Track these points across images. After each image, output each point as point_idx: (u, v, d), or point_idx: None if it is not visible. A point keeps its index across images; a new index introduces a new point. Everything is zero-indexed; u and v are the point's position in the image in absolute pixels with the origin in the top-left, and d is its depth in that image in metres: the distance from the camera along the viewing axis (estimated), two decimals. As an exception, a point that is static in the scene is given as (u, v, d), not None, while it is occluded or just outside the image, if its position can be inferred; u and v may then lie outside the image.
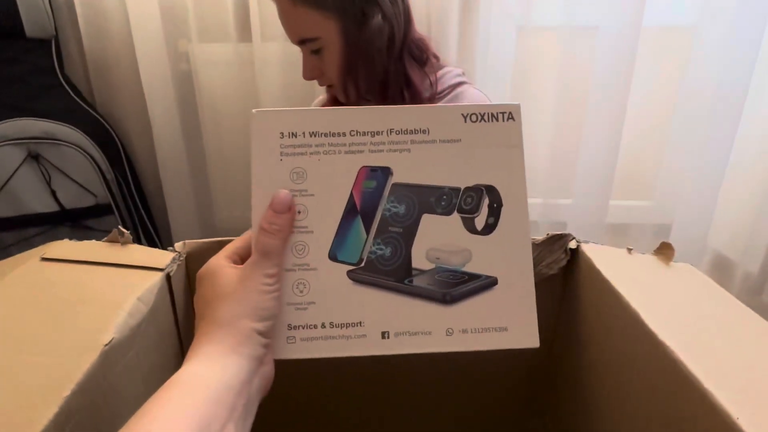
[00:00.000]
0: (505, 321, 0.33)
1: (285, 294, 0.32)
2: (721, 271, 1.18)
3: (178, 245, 0.42)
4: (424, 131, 0.34)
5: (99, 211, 1.04)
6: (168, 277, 0.39)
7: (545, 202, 1.17)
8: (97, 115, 1.10)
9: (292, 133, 0.34)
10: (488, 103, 0.78)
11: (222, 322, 0.28)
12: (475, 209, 0.34)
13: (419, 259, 0.34)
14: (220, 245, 0.39)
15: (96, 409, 0.28)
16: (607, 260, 0.42)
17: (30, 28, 1.01)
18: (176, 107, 1.15)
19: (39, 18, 1.02)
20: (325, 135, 0.34)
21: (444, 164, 0.34)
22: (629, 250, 0.46)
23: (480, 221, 0.34)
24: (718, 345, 0.31)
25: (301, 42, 0.74)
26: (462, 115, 0.34)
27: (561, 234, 0.46)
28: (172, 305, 0.40)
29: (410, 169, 0.34)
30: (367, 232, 0.34)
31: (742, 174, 1.11)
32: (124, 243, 0.41)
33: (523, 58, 1.11)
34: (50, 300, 0.34)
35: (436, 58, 0.83)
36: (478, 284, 0.33)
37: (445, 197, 0.34)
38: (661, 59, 1.11)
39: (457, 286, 0.33)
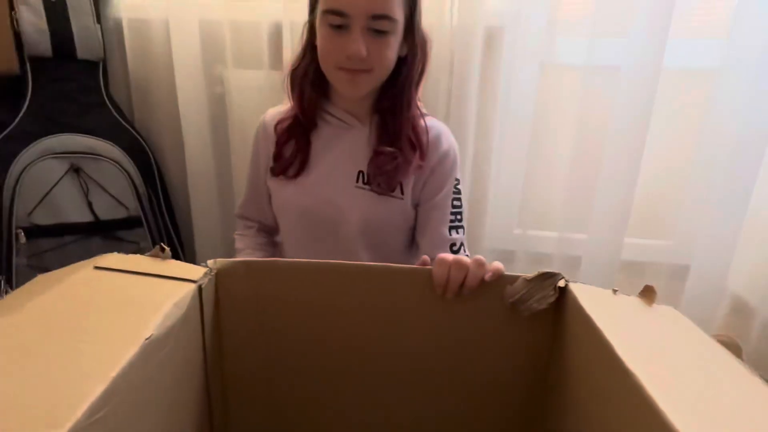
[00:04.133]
0: None
1: None
2: (740, 315, 1.16)
3: (210, 262, 0.48)
4: None
5: (130, 223, 1.10)
6: (200, 289, 0.45)
7: (560, 236, 1.18)
8: (135, 133, 1.17)
9: None
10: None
11: None
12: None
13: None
14: (247, 266, 0.49)
15: (135, 393, 0.33)
16: (592, 299, 0.45)
17: (82, 51, 1.10)
18: (208, 128, 1.22)
19: (91, 42, 1.10)
20: None
21: None
22: (614, 291, 0.48)
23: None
24: (687, 380, 0.34)
25: (376, 17, 0.70)
26: None
27: (551, 273, 0.49)
28: (200, 312, 0.46)
29: None
30: None
31: (763, 217, 1.10)
32: (164, 258, 0.48)
33: (544, 95, 1.14)
34: (101, 301, 0.40)
35: None
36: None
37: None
38: (683, 101, 1.12)
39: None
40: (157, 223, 1.17)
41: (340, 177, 0.80)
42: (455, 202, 0.84)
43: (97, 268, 0.45)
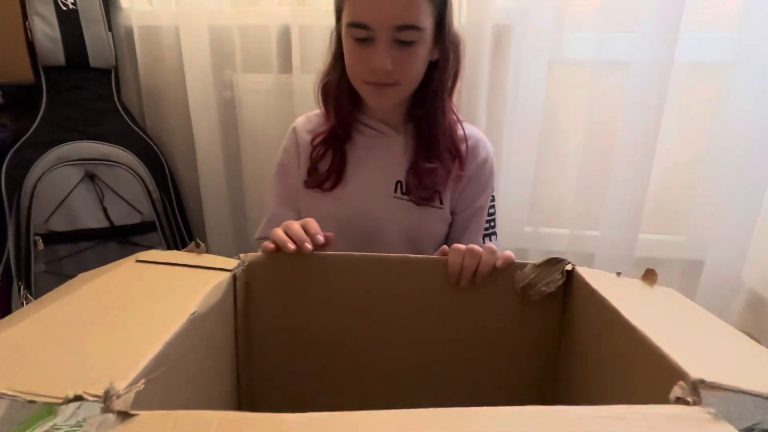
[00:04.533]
0: None
1: None
2: (756, 311, 1.14)
3: (242, 256, 0.54)
4: None
5: (144, 228, 1.12)
6: (234, 277, 0.50)
7: (572, 233, 1.17)
8: (147, 139, 1.18)
9: None
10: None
11: None
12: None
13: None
14: (274, 259, 0.55)
15: (181, 360, 0.37)
16: (597, 280, 0.50)
17: (94, 59, 1.11)
18: (219, 132, 1.23)
19: (102, 50, 1.12)
20: None
21: None
22: (618, 273, 0.53)
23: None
24: (683, 334, 0.40)
25: (401, 28, 0.66)
26: None
27: (558, 258, 0.53)
28: (234, 298, 0.51)
29: None
30: None
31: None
32: (199, 252, 0.53)
33: (553, 92, 1.13)
34: (148, 285, 0.45)
35: None
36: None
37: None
38: (694, 95, 1.11)
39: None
40: (171, 227, 1.18)
41: (378, 188, 0.78)
42: (490, 210, 0.84)
43: (139, 261, 0.50)
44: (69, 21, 1.08)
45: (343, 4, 0.69)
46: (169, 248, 1.15)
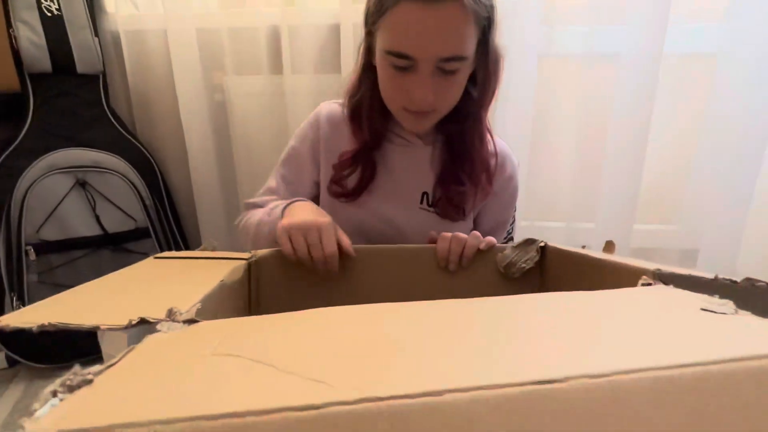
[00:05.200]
0: None
1: None
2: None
3: (253, 251, 0.58)
4: None
5: (138, 234, 1.11)
6: (249, 265, 0.55)
7: (568, 226, 1.18)
8: (138, 144, 1.17)
9: None
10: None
11: None
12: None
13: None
14: (281, 253, 0.58)
15: (217, 314, 0.39)
16: (567, 248, 0.59)
17: (81, 66, 1.10)
18: (211, 135, 1.22)
19: (89, 56, 1.10)
20: None
21: None
22: (583, 246, 0.61)
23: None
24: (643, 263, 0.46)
25: (447, 60, 0.61)
26: None
27: (533, 239, 0.62)
28: (248, 283, 0.55)
29: None
30: None
31: (771, 198, 1.10)
32: (213, 249, 0.59)
33: (544, 86, 1.14)
34: (175, 269, 0.50)
35: None
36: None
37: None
38: (685, 85, 1.12)
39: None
40: (165, 233, 1.17)
41: (404, 197, 0.76)
42: (511, 225, 0.84)
43: (157, 258, 0.55)
44: (54, 27, 1.06)
45: (379, 24, 0.63)
46: (177, 251, 1.14)
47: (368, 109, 0.72)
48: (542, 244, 0.62)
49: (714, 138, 1.10)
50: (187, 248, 1.26)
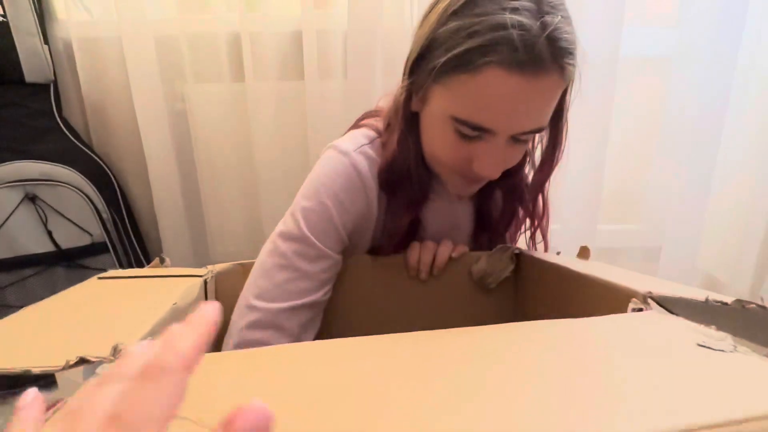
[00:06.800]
0: None
1: None
2: (713, 293, 1.19)
3: (209, 267, 0.55)
4: None
5: (94, 250, 1.05)
6: (205, 283, 0.51)
7: (536, 229, 1.19)
8: (94, 156, 1.12)
9: None
10: None
11: None
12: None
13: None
14: (244, 268, 0.56)
15: None
16: (543, 256, 0.58)
17: (29, 74, 1.05)
18: (171, 146, 1.18)
19: (38, 64, 1.05)
20: None
21: None
22: (558, 253, 0.60)
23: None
24: (624, 274, 0.46)
25: (528, 132, 0.52)
26: None
27: (506, 246, 0.61)
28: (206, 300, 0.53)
29: None
30: None
31: (726, 195, 1.14)
32: (165, 265, 0.54)
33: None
34: (121, 292, 0.45)
35: None
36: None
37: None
38: (641, 88, 1.15)
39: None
40: (125, 247, 1.12)
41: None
42: None
43: (101, 278, 0.50)
44: (0, 34, 1.01)
45: (451, 81, 0.50)
46: (123, 269, 1.09)
47: (416, 177, 0.60)
48: (517, 251, 0.61)
49: (670, 139, 1.14)
50: (149, 262, 1.21)
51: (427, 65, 0.52)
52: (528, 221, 0.69)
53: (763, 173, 1.09)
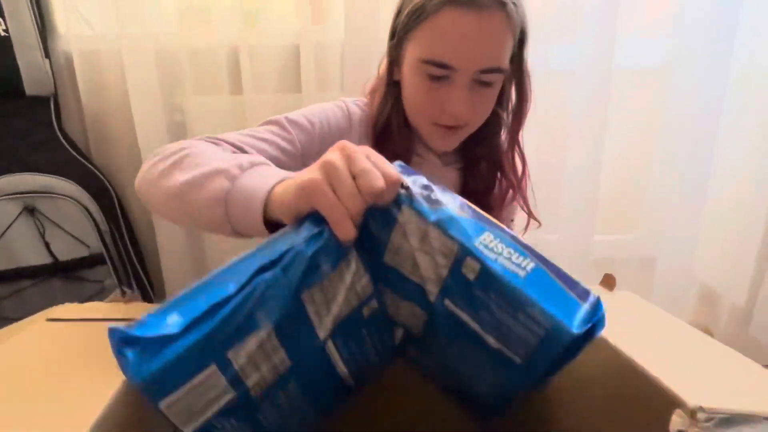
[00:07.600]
0: None
1: None
2: (708, 303, 1.19)
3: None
4: None
5: (92, 261, 1.06)
6: None
7: (533, 237, 1.19)
8: (93, 168, 1.13)
9: None
10: None
11: None
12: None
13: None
14: None
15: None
16: None
17: (30, 88, 1.06)
18: (170, 157, 1.19)
19: (39, 78, 1.06)
20: None
21: None
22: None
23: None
24: (646, 335, 0.41)
25: (486, 71, 0.60)
26: None
27: None
28: None
29: None
30: None
31: (723, 205, 1.15)
32: (128, 301, 0.43)
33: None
34: (74, 344, 0.37)
35: None
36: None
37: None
38: (635, 99, 1.16)
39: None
40: (122, 259, 1.12)
41: None
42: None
43: (50, 320, 0.41)
44: (1, 48, 1.02)
45: (415, 32, 0.61)
46: (119, 281, 1.09)
47: (396, 129, 0.68)
48: None
49: (665, 150, 1.15)
50: (146, 275, 1.21)
51: (401, 28, 0.63)
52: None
53: (759, 182, 1.10)
